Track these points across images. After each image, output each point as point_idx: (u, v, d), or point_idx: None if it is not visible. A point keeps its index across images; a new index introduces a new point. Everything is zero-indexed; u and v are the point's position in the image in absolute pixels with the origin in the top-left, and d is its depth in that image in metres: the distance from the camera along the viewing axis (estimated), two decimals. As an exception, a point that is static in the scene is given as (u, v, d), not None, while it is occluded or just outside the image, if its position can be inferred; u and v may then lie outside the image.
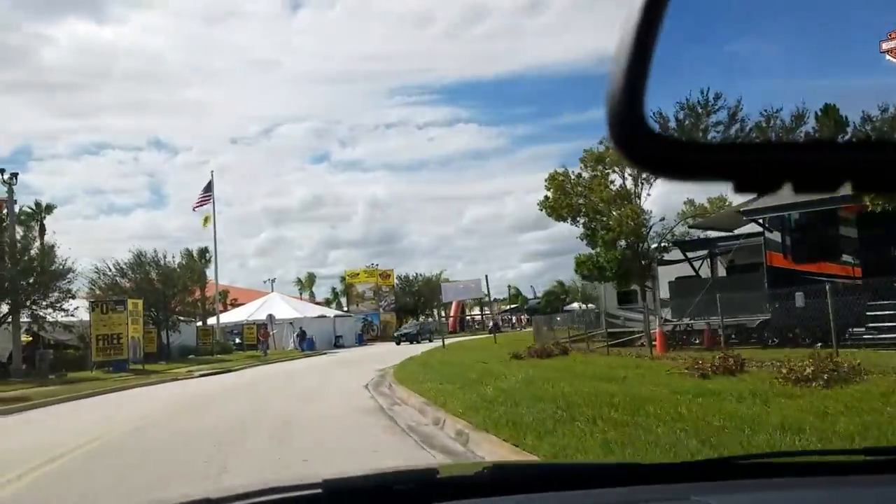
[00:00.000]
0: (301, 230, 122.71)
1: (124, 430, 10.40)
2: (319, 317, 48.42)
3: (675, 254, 21.51)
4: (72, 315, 25.79)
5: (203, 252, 46.65)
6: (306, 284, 60.14)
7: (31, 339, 27.28)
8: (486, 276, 37.32)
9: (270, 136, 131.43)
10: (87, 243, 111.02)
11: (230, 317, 47.42)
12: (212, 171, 42.35)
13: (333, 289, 59.10)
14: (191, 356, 35.33)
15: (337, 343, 47.84)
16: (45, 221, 49.31)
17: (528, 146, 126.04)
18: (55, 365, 25.88)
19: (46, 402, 15.71)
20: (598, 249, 20.44)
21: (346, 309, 57.33)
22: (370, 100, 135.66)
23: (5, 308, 24.24)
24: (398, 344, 42.97)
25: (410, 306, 63.44)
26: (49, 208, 50.23)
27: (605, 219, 19.67)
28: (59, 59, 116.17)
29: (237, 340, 43.47)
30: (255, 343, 41.15)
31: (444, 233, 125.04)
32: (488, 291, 42.57)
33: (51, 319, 24.68)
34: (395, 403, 11.94)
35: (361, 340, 51.37)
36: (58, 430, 10.86)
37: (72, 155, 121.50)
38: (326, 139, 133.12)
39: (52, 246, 26.17)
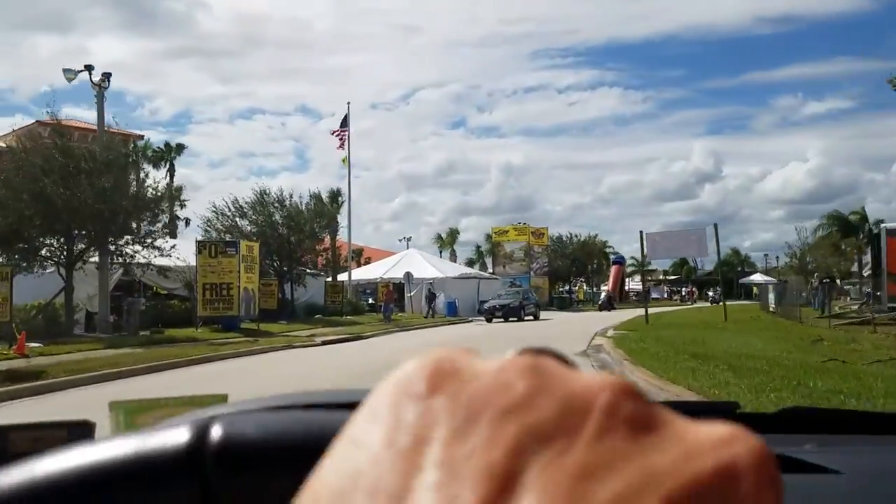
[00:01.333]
0: (434, 196, 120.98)
1: None
2: (461, 277, 41.84)
3: None
4: (179, 258, 20.41)
5: (335, 195, 40.84)
6: (447, 242, 53.72)
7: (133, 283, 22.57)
8: (642, 233, 28.07)
9: (409, 102, 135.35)
10: None
11: (363, 273, 42.09)
12: (348, 104, 35.58)
13: (478, 247, 52.30)
14: (317, 315, 29.97)
15: (481, 309, 41.19)
16: (174, 162, 46.49)
17: (675, 111, 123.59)
18: (154, 319, 20.90)
19: (60, 382, 9.85)
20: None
21: (491, 271, 50.47)
22: (511, 64, 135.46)
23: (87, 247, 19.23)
24: (489, 321, 30.28)
25: (564, 270, 55.61)
26: (179, 148, 47.28)
27: None
28: (216, 27, 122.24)
29: (370, 301, 38.00)
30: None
31: (580, 201, 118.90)
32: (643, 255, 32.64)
33: (142, 259, 19.40)
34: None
35: (508, 307, 44.38)
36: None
37: (227, 119, 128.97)
38: (464, 104, 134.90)
39: (180, 187, 21.42)
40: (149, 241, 19.48)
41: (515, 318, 30.59)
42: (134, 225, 19.57)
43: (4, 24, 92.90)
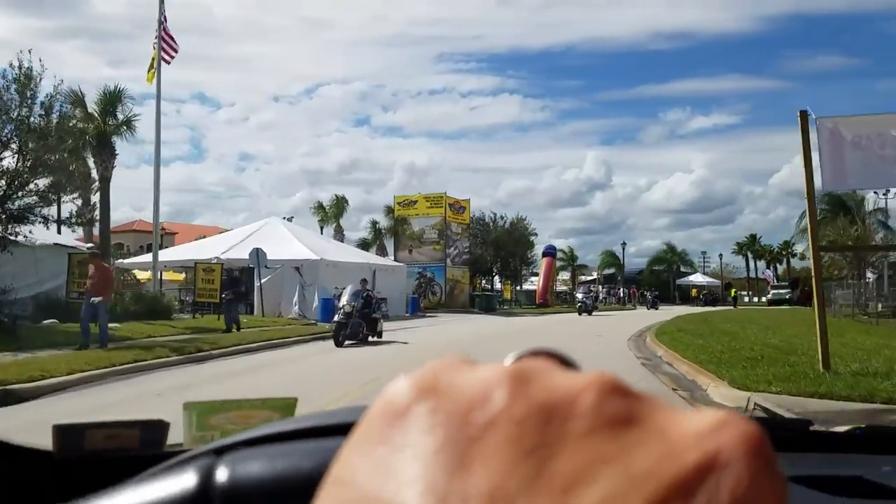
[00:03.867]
0: (336, 192, 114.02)
1: None
2: (348, 264, 27.85)
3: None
4: None
5: (115, 95, 22.75)
6: (331, 214, 38.70)
7: None
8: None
9: (313, 96, 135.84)
10: (127, 192, 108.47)
11: (178, 254, 27.31)
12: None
13: (374, 224, 37.91)
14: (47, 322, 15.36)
15: (377, 310, 27.41)
16: None
17: (571, 121, 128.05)
18: None
19: None
20: None
21: (393, 257, 36.66)
22: (417, 65, 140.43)
23: None
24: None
25: (485, 262, 42.64)
26: None
27: None
28: (110, 8, 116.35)
29: (187, 298, 23.62)
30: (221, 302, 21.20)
31: (480, 204, 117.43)
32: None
33: None
34: None
35: (416, 308, 30.84)
36: None
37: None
38: (369, 102, 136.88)
39: None
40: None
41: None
42: None
43: None
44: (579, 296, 33.04)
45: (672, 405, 0.21)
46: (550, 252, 48.35)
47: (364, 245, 37.03)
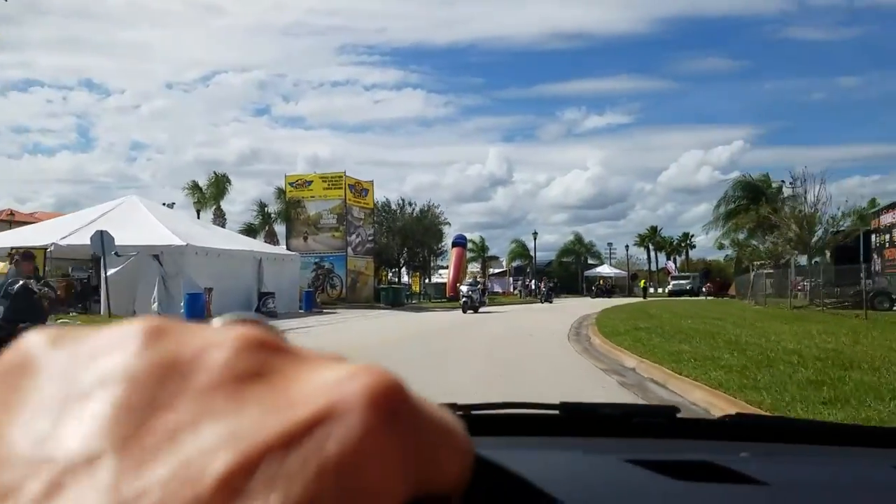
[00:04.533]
0: (235, 184, 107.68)
1: None
2: (225, 251, 23.06)
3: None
4: None
5: None
6: (211, 196, 32.90)
7: None
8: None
9: (209, 84, 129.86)
10: (8, 183, 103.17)
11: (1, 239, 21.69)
12: None
13: (262, 206, 32.64)
14: None
15: (263, 307, 23.01)
16: None
17: (474, 117, 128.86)
18: None
19: None
20: None
21: (285, 245, 31.88)
22: (318, 56, 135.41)
23: None
24: None
25: (391, 252, 38.62)
26: None
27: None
28: None
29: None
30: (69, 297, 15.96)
31: (384, 198, 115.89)
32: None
33: None
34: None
35: (311, 304, 26.42)
36: None
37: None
38: (269, 92, 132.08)
39: None
40: None
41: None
42: None
43: None
44: (464, 289, 27.84)
45: (328, 358, 0.20)
46: (460, 242, 44.95)
47: (250, 231, 31.98)
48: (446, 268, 46.07)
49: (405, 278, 44.73)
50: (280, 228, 32.98)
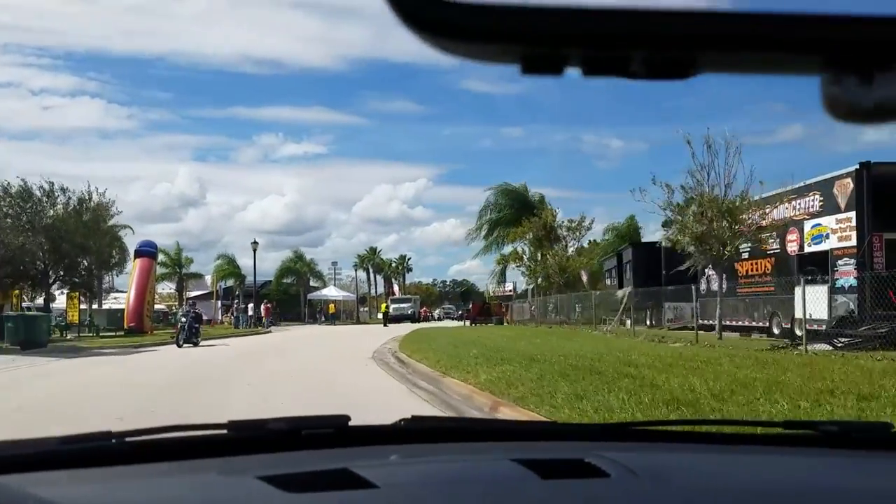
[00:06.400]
0: None
1: None
2: None
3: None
4: None
5: None
6: None
7: None
8: None
9: None
10: None
11: None
12: None
13: None
14: None
15: None
16: None
17: (162, 133, 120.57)
18: None
19: None
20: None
21: None
22: None
23: None
24: None
25: (34, 260, 25.31)
26: None
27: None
28: None
29: None
30: None
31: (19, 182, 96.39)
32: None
33: None
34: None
35: None
36: None
37: None
38: None
39: None
40: None
41: None
42: None
43: None
44: (180, 315, 22.57)
45: None
46: (147, 251, 32.65)
47: None
48: (124, 292, 33.46)
49: (61, 302, 31.08)
50: None
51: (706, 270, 23.01)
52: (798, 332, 16.72)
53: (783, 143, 75.65)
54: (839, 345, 11.53)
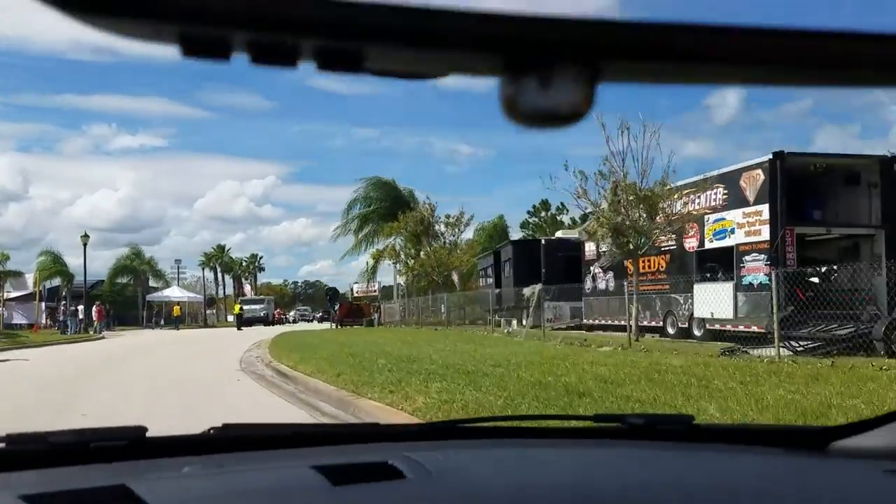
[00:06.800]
0: None
1: None
2: None
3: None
4: None
5: None
6: None
7: None
8: None
9: None
10: None
11: None
12: None
13: None
14: None
15: None
16: None
17: None
18: None
19: None
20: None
21: None
22: None
23: None
24: None
25: None
26: None
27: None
28: None
29: None
30: None
31: None
32: None
33: None
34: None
35: None
36: None
37: None
38: None
39: None
40: None
41: None
42: None
43: None
44: None
45: None
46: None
47: None
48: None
49: None
50: None
51: (591, 268, 22.65)
52: (697, 333, 16.38)
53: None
54: (800, 349, 10.78)
